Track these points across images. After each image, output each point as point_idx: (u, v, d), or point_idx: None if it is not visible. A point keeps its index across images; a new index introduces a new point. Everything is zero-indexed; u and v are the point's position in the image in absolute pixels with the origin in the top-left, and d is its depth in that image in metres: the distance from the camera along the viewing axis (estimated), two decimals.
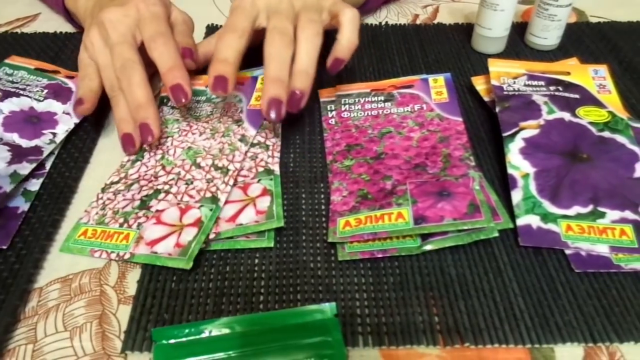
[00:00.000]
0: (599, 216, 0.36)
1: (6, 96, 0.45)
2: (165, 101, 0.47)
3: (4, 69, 0.48)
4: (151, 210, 0.37)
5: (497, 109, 0.43)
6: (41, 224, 0.37)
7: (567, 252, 0.35)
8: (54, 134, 0.43)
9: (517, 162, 0.39)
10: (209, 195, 0.37)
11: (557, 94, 0.44)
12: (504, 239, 0.36)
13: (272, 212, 0.36)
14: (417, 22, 0.60)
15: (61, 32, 0.58)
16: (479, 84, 0.49)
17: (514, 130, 0.41)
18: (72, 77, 0.49)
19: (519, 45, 0.56)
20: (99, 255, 0.35)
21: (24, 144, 0.42)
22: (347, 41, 0.41)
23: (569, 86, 0.45)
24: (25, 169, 0.39)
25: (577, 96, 0.44)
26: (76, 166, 0.42)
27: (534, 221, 0.36)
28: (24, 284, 0.33)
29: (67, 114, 0.45)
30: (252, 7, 0.40)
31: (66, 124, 0.44)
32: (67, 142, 0.44)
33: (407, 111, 0.45)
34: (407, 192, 0.36)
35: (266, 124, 0.43)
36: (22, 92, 0.46)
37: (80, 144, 0.44)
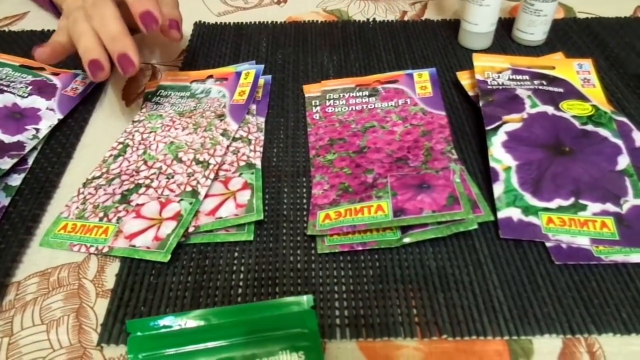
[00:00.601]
0: (581, 209, 0.36)
1: None
2: (149, 97, 0.47)
3: None
4: (131, 204, 0.36)
5: (481, 103, 0.43)
6: (21, 219, 0.37)
7: (547, 244, 0.35)
8: (37, 130, 0.43)
9: (500, 156, 0.39)
10: (189, 189, 0.37)
11: (541, 88, 0.44)
12: (485, 231, 0.36)
13: (252, 206, 0.36)
14: (405, 18, 0.60)
15: (49, 30, 0.58)
16: (464, 78, 0.48)
17: (497, 123, 0.41)
18: (57, 73, 0.49)
19: (506, 40, 0.55)
20: (77, 249, 0.35)
21: (6, 139, 0.41)
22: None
23: (553, 80, 0.45)
24: (6, 164, 0.39)
25: (561, 90, 0.44)
26: (59, 161, 0.42)
27: (514, 214, 0.36)
28: (1, 277, 0.33)
29: (51, 110, 0.45)
30: None
31: (50, 120, 0.44)
32: (51, 137, 0.44)
33: (391, 106, 0.45)
34: (387, 185, 0.36)
35: (248, 119, 0.43)
36: (5, 88, 0.45)
37: (63, 140, 0.44)
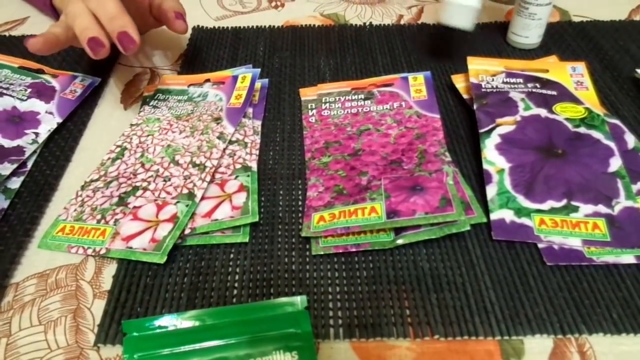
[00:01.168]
0: (573, 210, 0.36)
1: None
2: (147, 100, 0.48)
3: None
4: (128, 206, 0.37)
5: (475, 106, 0.44)
6: (20, 221, 0.37)
7: (539, 245, 0.35)
8: (37, 134, 0.43)
9: (493, 158, 0.39)
10: (185, 191, 0.37)
11: (534, 90, 0.45)
12: (478, 233, 0.36)
13: (248, 208, 0.36)
14: (401, 22, 0.60)
15: None
16: (459, 82, 0.49)
17: (490, 126, 0.42)
18: (56, 75, 0.49)
19: (501, 44, 0.56)
20: (75, 251, 0.35)
21: (6, 144, 0.42)
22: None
23: (547, 83, 0.46)
24: (6, 169, 0.40)
25: (554, 93, 0.44)
26: (57, 164, 0.42)
27: (507, 215, 0.36)
28: (0, 279, 0.33)
29: (50, 113, 0.45)
30: None
31: (49, 124, 0.45)
32: (50, 140, 0.44)
33: (386, 109, 0.45)
34: (381, 187, 0.37)
35: (244, 122, 0.44)
36: (5, 91, 0.46)
37: (62, 143, 0.44)
